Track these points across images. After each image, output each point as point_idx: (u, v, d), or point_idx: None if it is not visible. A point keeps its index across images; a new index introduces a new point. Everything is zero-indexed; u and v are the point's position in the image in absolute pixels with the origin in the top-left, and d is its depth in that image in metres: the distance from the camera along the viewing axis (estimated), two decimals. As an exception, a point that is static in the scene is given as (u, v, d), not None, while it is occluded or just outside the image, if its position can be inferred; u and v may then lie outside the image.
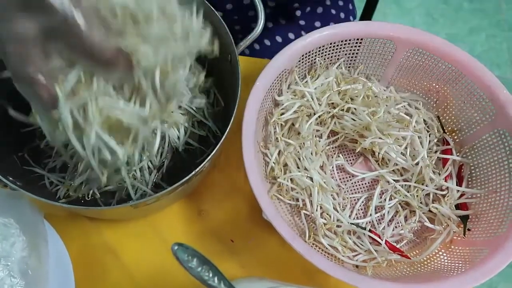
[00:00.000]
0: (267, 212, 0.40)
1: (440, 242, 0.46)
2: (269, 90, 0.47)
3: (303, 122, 0.49)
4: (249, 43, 0.46)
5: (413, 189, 0.49)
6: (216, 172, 0.51)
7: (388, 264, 0.45)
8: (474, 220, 0.46)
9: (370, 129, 0.49)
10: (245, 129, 0.43)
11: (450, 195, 0.48)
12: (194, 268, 0.29)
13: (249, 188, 0.41)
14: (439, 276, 0.40)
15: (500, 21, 1.50)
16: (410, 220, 0.48)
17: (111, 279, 0.46)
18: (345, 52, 0.52)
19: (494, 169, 0.46)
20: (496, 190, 0.45)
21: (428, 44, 0.49)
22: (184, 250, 0.29)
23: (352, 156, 0.53)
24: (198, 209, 0.49)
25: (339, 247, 0.45)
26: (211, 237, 0.48)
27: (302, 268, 0.47)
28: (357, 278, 0.38)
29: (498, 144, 0.46)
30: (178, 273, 0.46)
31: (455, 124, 0.52)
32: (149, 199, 0.37)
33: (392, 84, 0.55)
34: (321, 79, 0.51)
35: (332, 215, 0.46)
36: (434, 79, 0.52)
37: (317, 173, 0.48)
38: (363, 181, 0.51)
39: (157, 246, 0.47)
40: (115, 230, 0.47)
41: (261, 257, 0.48)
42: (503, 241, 0.40)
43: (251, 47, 0.65)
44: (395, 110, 0.51)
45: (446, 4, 1.53)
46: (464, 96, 0.50)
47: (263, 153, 0.49)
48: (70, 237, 0.45)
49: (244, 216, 0.49)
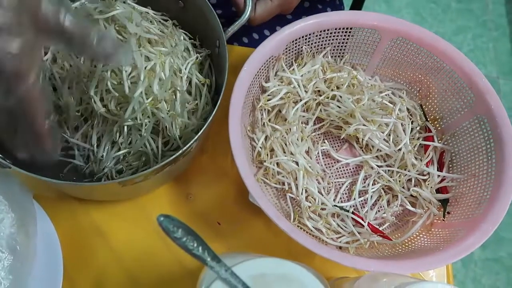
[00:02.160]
0: (253, 194, 0.41)
1: (421, 225, 0.47)
2: (256, 76, 0.48)
3: (290, 108, 0.51)
4: (237, 28, 0.47)
5: (395, 174, 0.50)
6: (204, 157, 0.52)
7: (370, 246, 0.47)
8: (453, 204, 0.47)
9: (354, 116, 0.50)
10: (232, 113, 0.44)
11: (431, 179, 0.49)
12: (180, 238, 0.30)
13: (236, 173, 0.42)
14: (418, 254, 0.42)
15: (486, 21, 1.54)
16: (393, 204, 0.49)
17: (98, 260, 0.46)
18: (331, 41, 0.53)
19: (473, 154, 0.48)
20: (475, 174, 0.47)
21: (411, 34, 0.51)
22: (169, 221, 0.30)
23: (337, 142, 0.54)
24: (186, 192, 0.50)
25: (323, 229, 0.46)
26: (199, 220, 0.49)
27: (287, 250, 0.48)
28: (339, 255, 0.39)
29: (477, 130, 0.48)
30: (165, 254, 0.47)
31: (437, 113, 0.53)
32: (136, 176, 0.38)
33: (377, 73, 0.56)
34: (308, 66, 0.52)
35: (317, 198, 0.47)
36: (417, 69, 0.53)
37: (302, 158, 0.49)
38: (348, 167, 0.53)
39: (145, 228, 0.48)
40: (104, 211, 0.48)
41: (247, 240, 0.49)
42: (479, 222, 0.42)
43: (240, 40, 0.67)
44: (379, 98, 0.53)
45: (434, 3, 1.55)
46: (445, 85, 0.51)
47: (250, 137, 0.50)
48: (58, 218, 0.45)
49: (231, 199, 0.50)
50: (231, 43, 0.63)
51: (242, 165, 0.42)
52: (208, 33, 0.48)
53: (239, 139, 0.44)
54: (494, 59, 1.48)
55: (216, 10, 0.47)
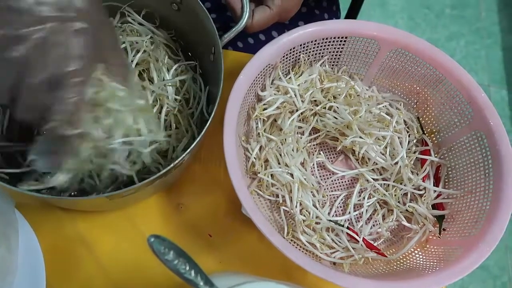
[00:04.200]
0: (246, 207, 0.40)
1: (416, 241, 0.46)
2: (253, 84, 0.47)
3: (286, 118, 0.49)
4: (234, 35, 0.46)
5: (391, 188, 0.49)
6: (197, 166, 0.50)
7: (365, 262, 0.46)
8: (449, 220, 0.47)
9: (351, 128, 0.49)
10: (227, 123, 0.43)
11: (427, 195, 0.48)
12: (171, 261, 0.28)
13: (229, 183, 0.41)
14: (414, 274, 0.41)
15: (479, 28, 1.54)
16: (388, 218, 0.48)
17: (84, 272, 0.44)
18: (329, 49, 0.52)
19: (470, 170, 0.47)
20: (471, 191, 0.46)
21: (411, 45, 0.50)
22: (160, 242, 0.28)
23: (333, 153, 0.53)
24: (177, 202, 0.48)
25: (317, 244, 0.45)
26: (189, 232, 0.47)
27: (280, 265, 0.46)
28: (334, 274, 0.38)
29: (475, 146, 0.47)
30: (153, 267, 0.45)
31: (434, 126, 0.53)
32: (125, 190, 0.36)
33: (375, 84, 0.55)
34: (305, 75, 0.51)
35: (311, 211, 0.46)
36: (415, 81, 0.52)
37: (297, 170, 0.48)
38: (343, 179, 0.52)
39: (133, 239, 0.46)
40: (90, 222, 0.46)
41: (239, 253, 0.47)
42: (477, 242, 0.41)
43: (235, 44, 0.65)
44: (376, 110, 0.52)
45: (428, 9, 1.55)
46: (444, 98, 0.51)
47: (245, 147, 0.48)
48: (42, 228, 0.44)
49: (223, 211, 0.49)
50: (225, 48, 0.62)
51: (235, 177, 0.41)
52: (203, 38, 0.46)
53: (233, 150, 0.42)
54: (486, 66, 1.48)
55: (211, 15, 0.45)
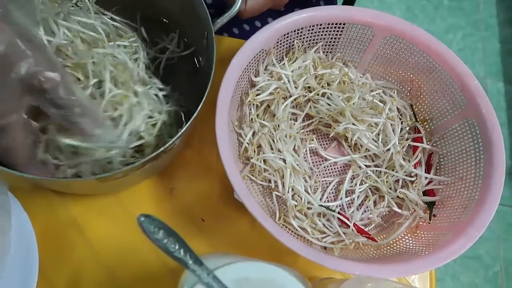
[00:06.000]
0: (239, 192, 0.40)
1: (407, 227, 0.47)
2: (246, 69, 0.47)
3: (279, 104, 0.49)
4: (226, 20, 0.46)
5: (383, 174, 0.50)
6: (189, 151, 0.50)
7: (355, 247, 0.46)
8: (440, 206, 0.47)
9: (344, 114, 0.49)
10: (219, 108, 0.43)
11: (418, 181, 0.49)
12: (160, 240, 0.28)
13: (221, 168, 0.41)
14: (403, 258, 0.41)
15: (477, 20, 1.54)
16: (379, 205, 0.49)
17: (76, 254, 0.45)
18: (323, 36, 0.52)
19: (462, 157, 0.47)
20: (462, 178, 0.46)
21: (405, 32, 0.50)
22: (150, 222, 0.29)
23: (326, 140, 0.53)
24: (170, 187, 0.49)
25: (309, 228, 0.46)
26: (182, 216, 0.48)
27: (271, 249, 0.47)
28: (325, 257, 0.38)
29: (466, 133, 0.47)
30: (145, 251, 0.46)
31: (427, 113, 0.53)
32: (116, 172, 0.36)
33: (369, 71, 0.55)
34: (299, 62, 0.51)
35: (303, 197, 0.47)
36: (409, 68, 0.53)
37: (290, 155, 0.48)
38: (335, 165, 0.52)
39: (125, 223, 0.47)
40: (82, 205, 0.46)
41: (231, 237, 0.47)
42: (466, 227, 0.41)
43: (230, 30, 0.65)
44: (369, 97, 0.52)
45: (427, 0, 1.55)
46: (437, 86, 0.51)
47: (237, 133, 0.48)
48: (35, 210, 0.44)
49: (215, 196, 0.49)
50: (220, 34, 0.62)
51: (228, 162, 0.41)
52: (195, 24, 0.46)
53: (225, 135, 0.42)
54: (483, 59, 1.48)
55: (207, 1, 0.45)
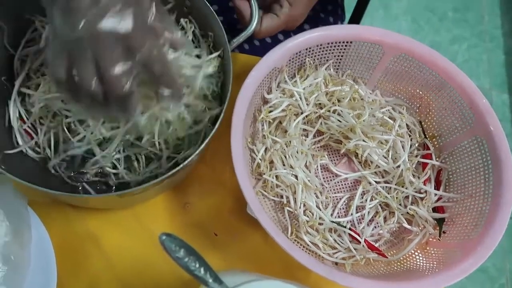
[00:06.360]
0: (253, 208, 0.41)
1: (417, 243, 0.47)
2: (259, 87, 0.48)
3: (291, 120, 0.50)
4: (242, 40, 0.47)
5: (393, 191, 0.50)
6: (203, 166, 0.51)
7: (366, 263, 0.47)
8: (449, 223, 0.48)
9: (354, 131, 0.50)
10: (234, 125, 0.44)
11: (428, 198, 0.49)
12: (181, 258, 0.29)
13: (234, 183, 0.42)
14: (414, 275, 0.42)
15: (482, 32, 1.55)
16: (389, 221, 0.50)
17: (92, 267, 0.46)
18: (334, 54, 0.53)
19: (471, 175, 0.48)
20: (471, 195, 0.47)
21: (414, 51, 0.51)
22: (171, 240, 0.30)
23: (336, 156, 0.54)
24: (183, 201, 0.50)
25: (320, 244, 0.46)
26: (195, 230, 0.49)
27: (284, 264, 0.48)
28: (337, 274, 0.39)
29: (475, 151, 0.48)
30: (159, 264, 0.46)
31: (436, 130, 0.54)
32: (135, 189, 0.37)
33: (378, 88, 0.56)
34: (310, 79, 0.52)
35: (314, 213, 0.47)
36: (418, 85, 0.53)
37: (302, 171, 0.49)
38: (346, 181, 0.53)
39: (140, 237, 0.48)
40: (99, 219, 0.47)
41: (243, 252, 0.48)
42: (476, 245, 0.42)
43: (241, 46, 0.66)
44: (379, 114, 0.53)
45: (431, 12, 1.56)
46: (446, 103, 0.52)
47: (250, 149, 0.49)
48: (52, 224, 0.45)
49: (228, 210, 0.50)
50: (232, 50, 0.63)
51: (242, 178, 0.42)
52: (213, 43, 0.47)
53: (240, 151, 0.43)
54: (488, 70, 1.49)
55: (218, 17, 0.46)
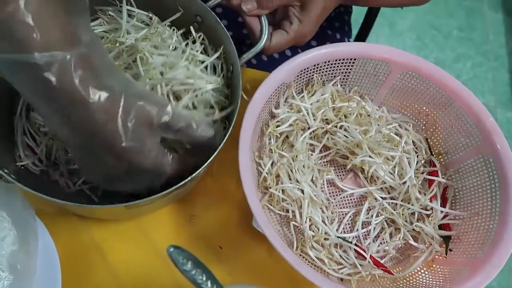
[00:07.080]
0: (259, 221, 0.41)
1: (423, 260, 0.47)
2: (267, 102, 0.48)
3: (298, 135, 0.51)
4: (252, 56, 0.47)
5: (399, 207, 0.50)
6: (209, 179, 0.52)
7: (371, 279, 0.46)
8: (456, 241, 0.47)
9: (361, 147, 0.51)
10: (242, 139, 0.44)
11: (434, 215, 0.49)
12: (189, 271, 0.29)
13: (240, 196, 0.42)
14: (420, 293, 0.42)
15: (486, 51, 1.56)
16: (395, 237, 0.49)
17: (96, 278, 0.45)
18: (341, 70, 0.54)
19: (477, 192, 0.48)
20: (478, 213, 0.47)
21: (421, 68, 0.52)
22: (179, 253, 0.30)
23: (343, 171, 0.54)
24: (189, 214, 0.50)
25: (326, 259, 0.46)
26: (200, 243, 0.49)
27: (288, 279, 0.47)
28: (343, 290, 0.39)
29: (482, 169, 0.48)
30: (164, 276, 0.46)
31: (442, 147, 0.54)
32: (142, 201, 0.38)
33: (385, 104, 0.57)
34: (317, 95, 0.53)
35: (320, 227, 0.47)
36: (424, 103, 0.54)
37: (308, 186, 0.49)
38: (352, 197, 0.53)
39: (145, 248, 0.48)
40: (105, 230, 0.47)
41: (248, 265, 0.48)
42: (483, 263, 0.42)
43: (248, 61, 0.67)
44: (386, 130, 0.53)
45: (436, 30, 1.58)
46: (452, 121, 0.52)
47: (257, 163, 0.50)
48: (59, 233, 0.45)
49: (234, 223, 0.50)
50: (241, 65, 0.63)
51: (249, 191, 0.42)
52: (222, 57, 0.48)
53: (248, 165, 0.43)
54: (493, 88, 1.50)
55: (228, 32, 0.47)
